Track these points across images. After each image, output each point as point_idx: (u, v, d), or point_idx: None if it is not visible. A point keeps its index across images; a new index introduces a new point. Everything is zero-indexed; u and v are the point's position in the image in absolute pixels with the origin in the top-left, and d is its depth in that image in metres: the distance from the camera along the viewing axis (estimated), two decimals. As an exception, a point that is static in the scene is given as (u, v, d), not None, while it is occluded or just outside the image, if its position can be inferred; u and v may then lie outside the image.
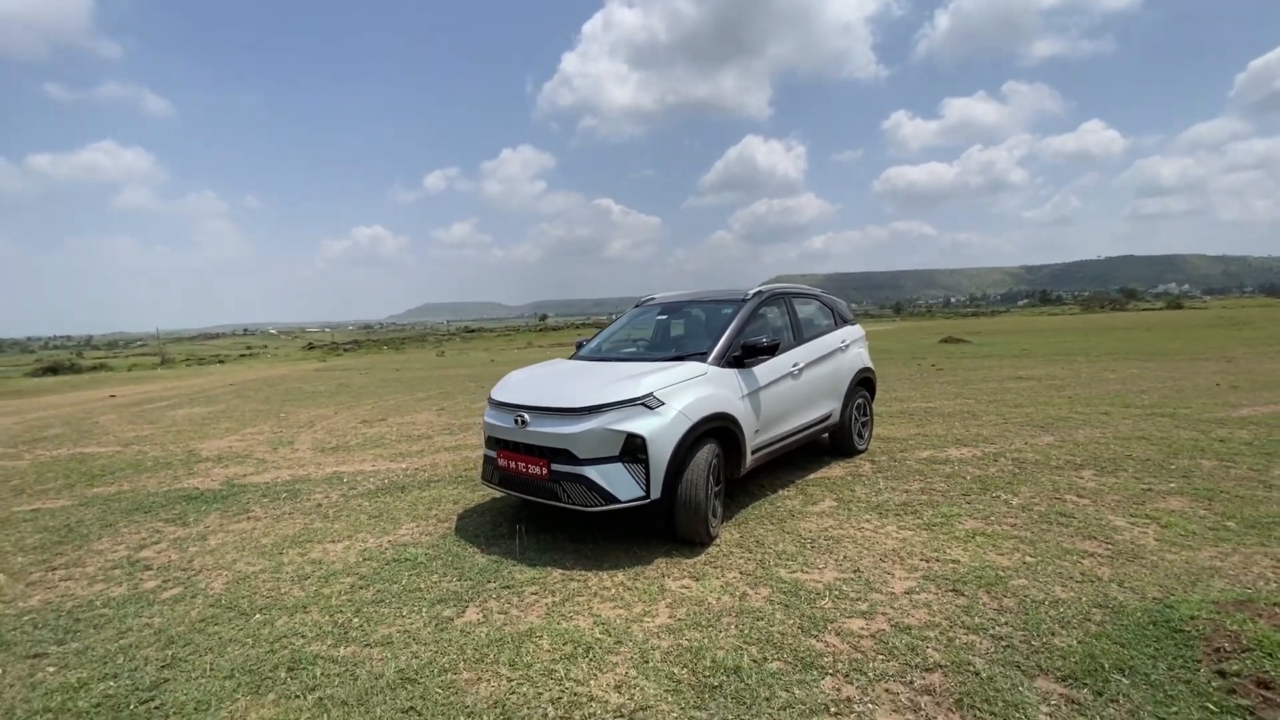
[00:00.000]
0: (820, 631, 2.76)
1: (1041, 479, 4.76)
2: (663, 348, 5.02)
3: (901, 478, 5.00)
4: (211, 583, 3.63)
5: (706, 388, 3.93)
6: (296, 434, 8.41)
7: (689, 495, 3.62)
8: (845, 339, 5.69)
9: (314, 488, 5.55)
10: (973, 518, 4.04)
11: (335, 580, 3.54)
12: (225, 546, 4.20)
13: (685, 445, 3.63)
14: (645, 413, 3.59)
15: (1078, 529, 3.76)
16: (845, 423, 5.56)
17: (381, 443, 7.50)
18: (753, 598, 3.11)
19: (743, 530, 4.04)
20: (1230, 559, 3.26)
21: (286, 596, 3.38)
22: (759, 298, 4.85)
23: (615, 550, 3.78)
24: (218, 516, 4.87)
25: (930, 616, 2.83)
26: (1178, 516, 3.86)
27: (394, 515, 4.64)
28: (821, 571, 3.37)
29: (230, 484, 5.82)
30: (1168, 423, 6.48)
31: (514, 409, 3.91)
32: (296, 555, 3.96)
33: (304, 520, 4.66)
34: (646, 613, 3.01)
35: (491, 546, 3.91)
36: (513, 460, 3.87)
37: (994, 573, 3.22)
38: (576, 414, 3.63)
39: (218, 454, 7.28)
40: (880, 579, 3.24)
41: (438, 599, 3.23)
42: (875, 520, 4.09)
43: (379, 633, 2.93)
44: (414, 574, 3.55)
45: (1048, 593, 2.98)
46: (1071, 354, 15.33)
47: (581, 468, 3.57)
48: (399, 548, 3.97)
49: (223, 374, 24.70)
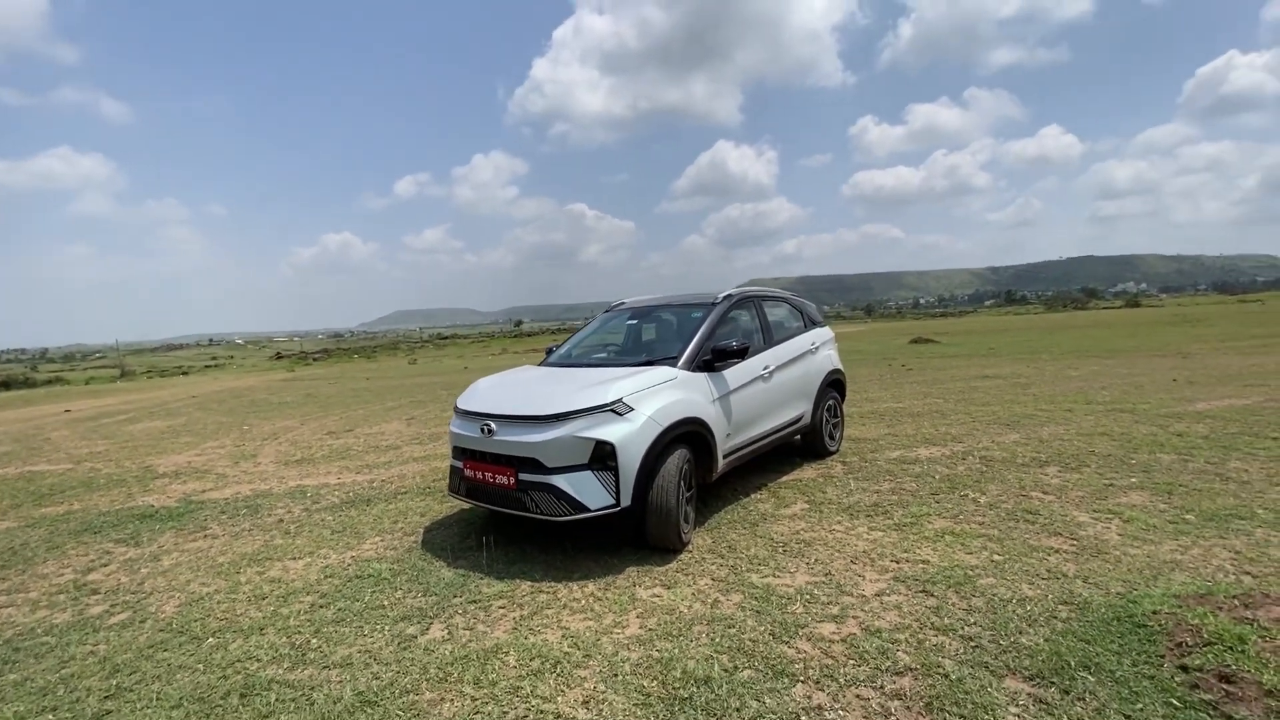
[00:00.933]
0: (791, 637, 2.73)
1: (1008, 477, 4.83)
2: (633, 353, 4.97)
3: (872, 478, 5.03)
4: (163, 606, 3.47)
5: (676, 392, 3.89)
6: (260, 447, 8.17)
7: (660, 502, 3.57)
8: (815, 341, 5.71)
9: (276, 503, 5.37)
10: (942, 517, 4.07)
11: (294, 599, 3.41)
12: (179, 567, 4.03)
13: (655, 451, 3.58)
14: (614, 419, 3.54)
15: (1043, 526, 3.81)
16: (816, 424, 5.57)
17: (348, 454, 7.31)
18: (724, 604, 3.07)
19: (715, 535, 4.01)
20: (1190, 552, 3.32)
21: (242, 618, 3.24)
22: (729, 301, 4.84)
23: (586, 560, 3.72)
24: (173, 535, 4.68)
25: (900, 618, 2.82)
26: (1139, 511, 3.93)
27: (358, 529, 4.51)
28: (793, 576, 3.35)
29: (187, 501, 5.61)
30: (1128, 419, 6.63)
31: (480, 417, 3.82)
32: (255, 574, 3.82)
33: (264, 537, 4.50)
34: (617, 624, 2.95)
35: (459, 560, 3.81)
36: (479, 470, 3.78)
37: (963, 572, 3.23)
38: (544, 421, 3.56)
39: (176, 469, 7.02)
40: (851, 582, 3.23)
41: (401, 616, 3.13)
42: (846, 522, 4.10)
43: (338, 653, 2.82)
44: (377, 591, 3.44)
45: (1015, 591, 3.00)
46: (1036, 352, 15.68)
47: (550, 477, 3.49)
48: (362, 563, 3.84)
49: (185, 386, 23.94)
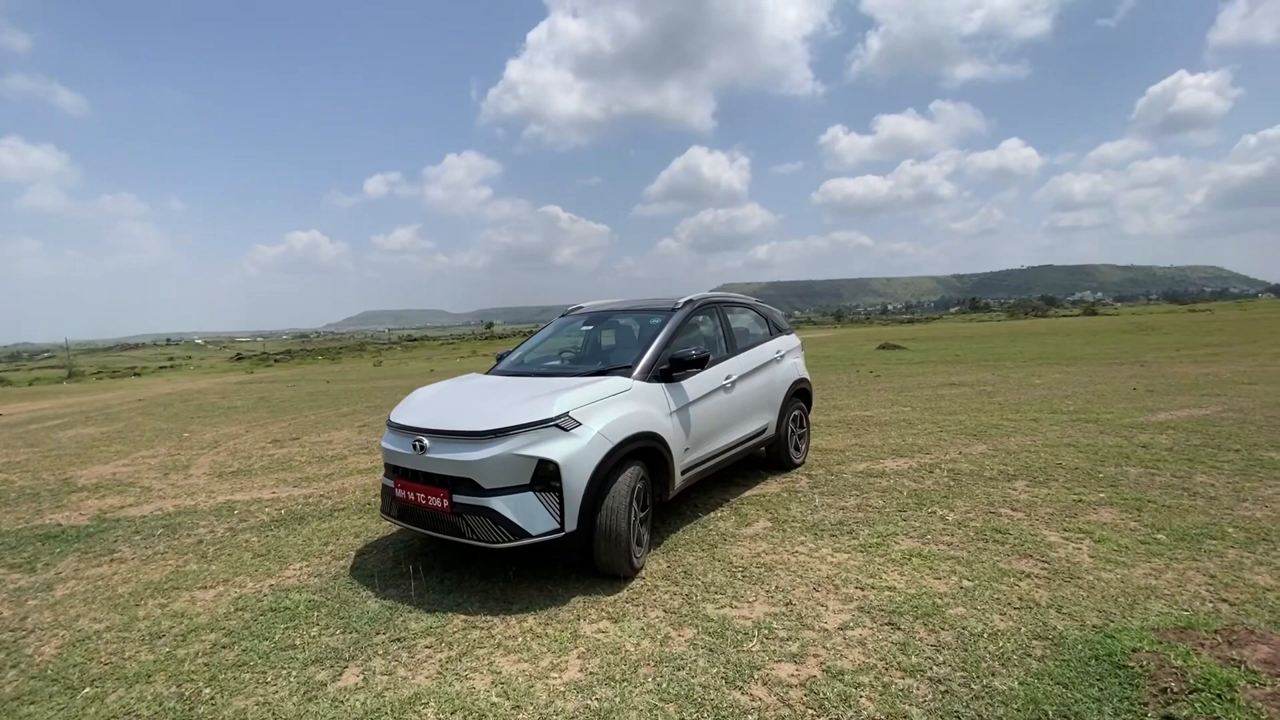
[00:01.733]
0: (746, 682, 2.46)
1: (976, 492, 4.66)
2: (589, 360, 4.68)
3: (838, 493, 4.81)
4: (42, 646, 3.06)
5: (629, 405, 3.61)
6: (195, 457, 7.64)
7: (609, 525, 3.28)
8: (780, 349, 5.49)
9: (199, 521, 4.93)
10: (909, 536, 3.86)
11: (195, 638, 3.03)
12: (73, 598, 3.60)
13: (605, 470, 3.29)
14: (559, 435, 3.24)
15: (1013, 546, 3.62)
16: (781, 436, 5.35)
17: (289, 465, 6.86)
18: (675, 641, 2.79)
19: (670, 558, 3.73)
20: (1164, 576, 3.16)
21: (130, 662, 2.85)
22: (690, 307, 4.58)
23: (529, 588, 3.41)
24: (75, 560, 4.23)
25: (865, 657, 2.58)
26: (1110, 530, 3.78)
27: (283, 553, 4.12)
28: (751, 605, 3.09)
29: (101, 519, 5.13)
30: (1093, 429, 6.57)
31: (412, 432, 3.48)
32: (156, 607, 3.41)
33: (177, 561, 4.08)
34: (555, 666, 2.65)
35: (388, 589, 3.46)
36: (411, 491, 3.44)
37: (931, 601, 3.01)
38: (480, 437, 3.24)
39: (97, 482, 6.49)
40: (813, 612, 2.98)
41: (313, 659, 2.78)
42: (810, 542, 3.86)
43: (233, 706, 2.47)
44: (290, 627, 3.07)
45: (986, 623, 2.78)
46: (1000, 359, 15.82)
47: (487, 499, 3.17)
48: (280, 594, 3.47)
49: (134, 388, 22.83)
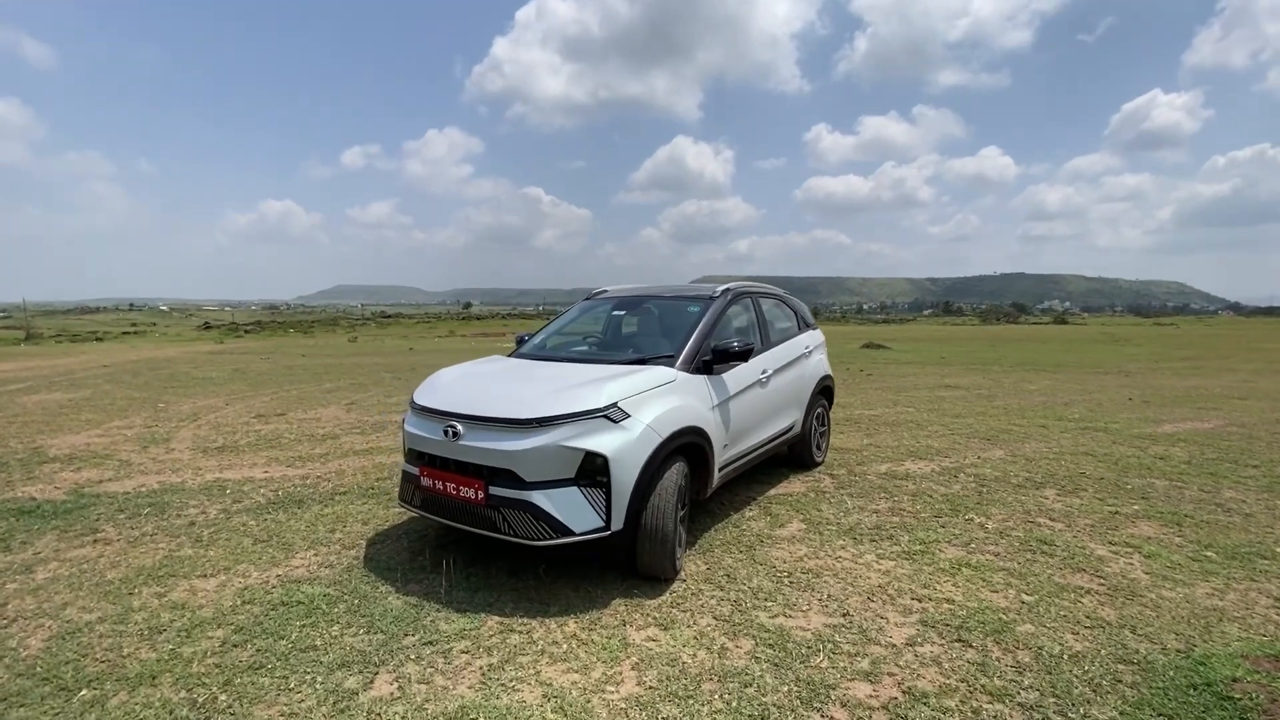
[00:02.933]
0: (823, 702, 2.28)
1: (1008, 499, 4.55)
2: (617, 347, 4.45)
3: (866, 495, 4.67)
4: (28, 638, 2.75)
5: (676, 397, 3.39)
6: (175, 429, 7.21)
7: (656, 525, 3.07)
8: (809, 345, 5.32)
9: (188, 500, 4.59)
10: (952, 544, 3.73)
11: (201, 634, 2.74)
12: (57, 583, 3.27)
13: (654, 465, 3.07)
14: (608, 426, 3.01)
15: (1063, 559, 3.51)
16: (806, 434, 5.18)
17: (278, 443, 6.50)
18: (734, 653, 2.60)
19: (709, 560, 3.54)
20: (1227, 596, 3.06)
21: (130, 660, 2.56)
22: (727, 296, 4.36)
23: (564, 588, 3.18)
24: (54, 538, 3.88)
25: (944, 678, 2.42)
26: (1156, 545, 3.69)
27: (287, 539, 3.82)
28: (806, 615, 2.91)
29: (79, 493, 4.75)
30: (1104, 438, 6.55)
31: (443, 416, 3.21)
32: (152, 596, 3.11)
33: (169, 545, 3.76)
34: (609, 678, 2.44)
35: (410, 584, 3.20)
36: (440, 480, 3.17)
37: (995, 616, 2.87)
38: (523, 426, 2.99)
39: (70, 452, 6.06)
40: (875, 625, 2.82)
41: (338, 662, 2.52)
42: (851, 547, 3.70)
43: (255, 717, 2.21)
44: (308, 624, 2.81)
45: (1061, 643, 2.64)
46: (986, 363, 15.96)
47: (527, 492, 2.93)
48: (290, 585, 3.19)
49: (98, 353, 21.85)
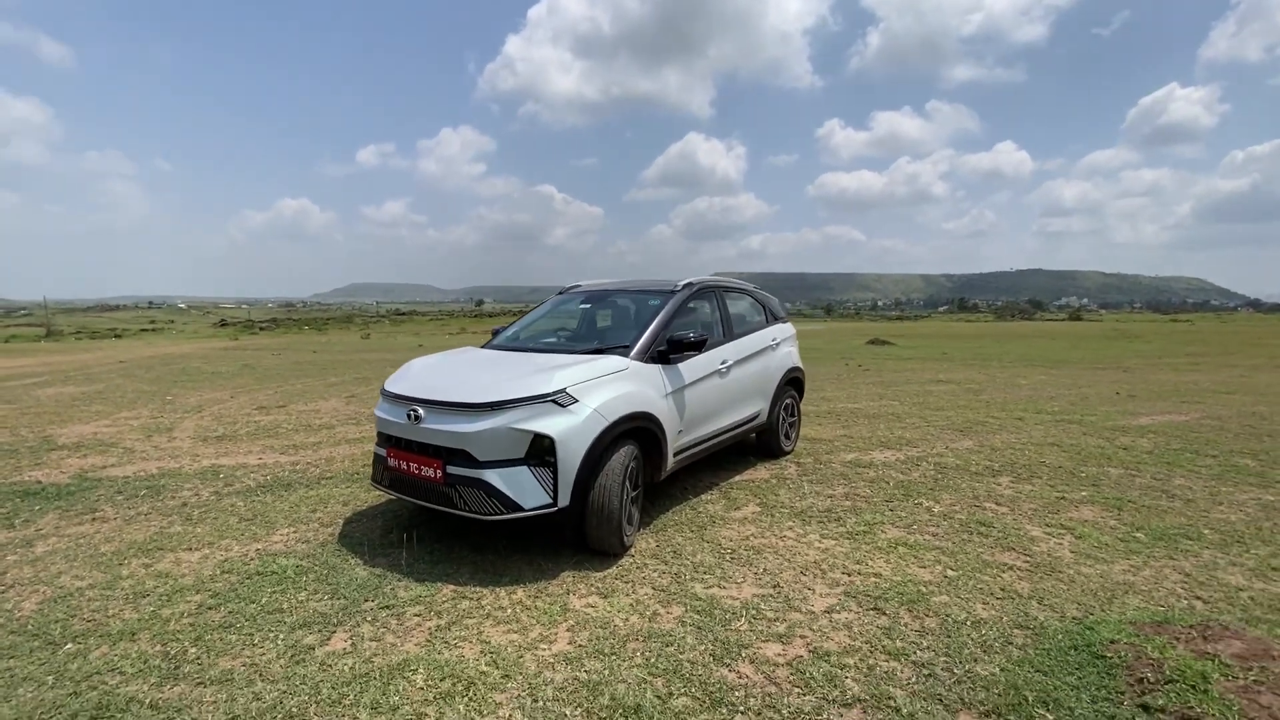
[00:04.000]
0: (733, 659, 2.49)
1: (962, 485, 4.73)
2: (586, 339, 4.67)
3: (826, 482, 4.86)
4: (23, 601, 3.02)
5: (626, 384, 3.60)
6: (179, 420, 7.54)
7: (602, 502, 3.29)
8: (776, 337, 5.50)
9: (183, 483, 4.88)
10: (895, 526, 3.91)
11: (180, 599, 3.01)
12: (54, 555, 3.56)
13: (600, 448, 3.29)
14: (556, 410, 3.23)
15: (997, 539, 3.68)
16: (773, 423, 5.38)
17: (276, 432, 6.79)
18: (664, 618, 2.82)
19: (660, 538, 3.76)
20: (1142, 573, 3.23)
21: (113, 620, 2.83)
22: (689, 290, 4.57)
23: (519, 561, 3.42)
24: (55, 517, 4.17)
25: (850, 640, 2.62)
26: (1090, 527, 3.86)
27: (270, 518, 4.09)
28: (739, 586, 3.12)
29: (83, 477, 5.06)
30: (1076, 430, 6.68)
31: (407, 401, 3.46)
32: (140, 567, 3.38)
33: (161, 523, 4.04)
34: (544, 638, 2.66)
35: (377, 557, 3.45)
36: (404, 460, 3.42)
37: (916, 588, 3.06)
38: (477, 410, 3.22)
39: (78, 441, 6.39)
40: (800, 595, 3.02)
41: (300, 622, 2.77)
42: (798, 528, 3.90)
43: (219, 667, 2.46)
44: (278, 591, 3.06)
45: (969, 611, 2.83)
46: (987, 359, 16.02)
47: (480, 471, 3.17)
48: (267, 558, 3.45)
49: (116, 350, 22.47)
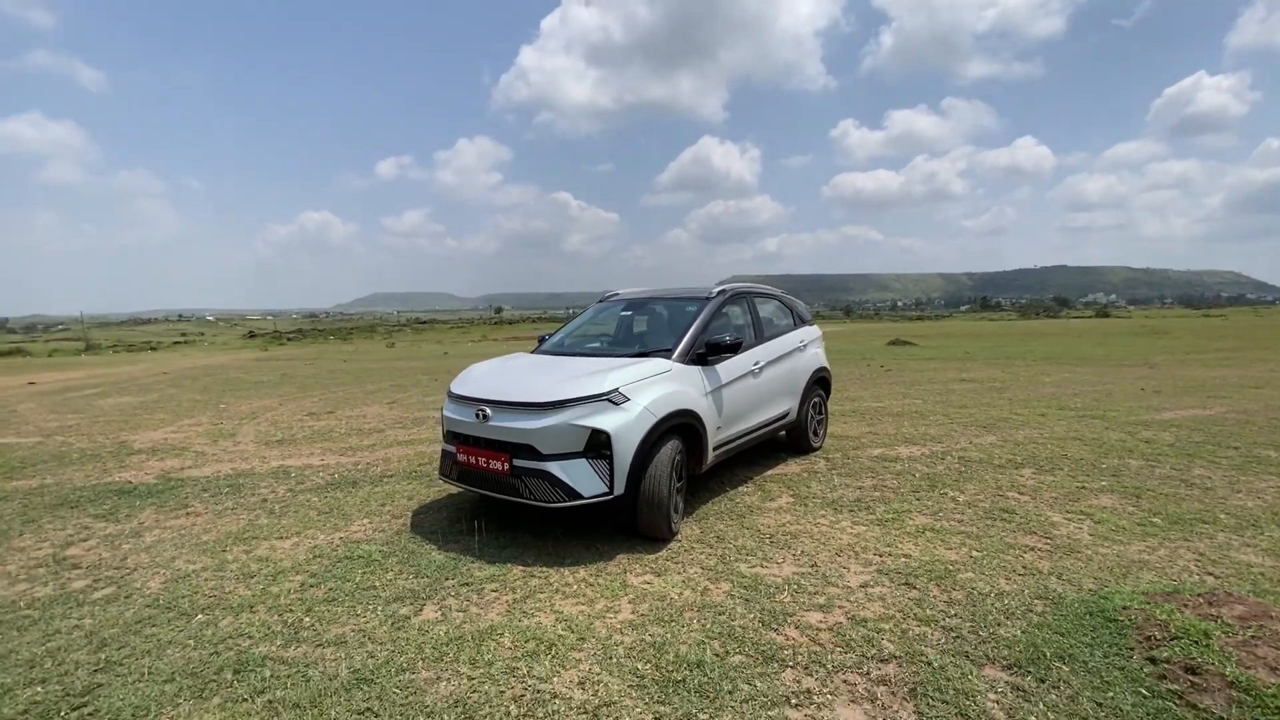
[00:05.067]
0: (780, 625, 2.81)
1: (985, 477, 4.98)
2: (626, 344, 5.02)
3: (855, 475, 5.15)
4: (148, 582, 3.44)
5: (671, 384, 3.94)
6: (238, 426, 8.05)
7: (652, 491, 3.63)
8: (804, 339, 5.81)
9: (259, 482, 5.32)
10: (922, 514, 4.19)
11: (284, 578, 3.40)
12: (162, 544, 3.99)
13: (650, 441, 3.64)
14: (610, 408, 3.58)
15: (1019, 524, 3.95)
16: (802, 421, 5.67)
17: (330, 436, 7.25)
18: (714, 592, 3.14)
19: (703, 526, 4.08)
20: (1157, 553, 3.48)
21: (231, 595, 3.23)
22: (723, 296, 4.90)
23: (576, 546, 3.76)
24: (153, 512, 4.62)
25: (885, 609, 2.92)
26: (1109, 513, 4.10)
27: (345, 511, 4.49)
28: (780, 566, 3.43)
29: (166, 478, 5.52)
30: (1099, 424, 6.86)
31: (475, 403, 3.84)
32: (241, 552, 3.79)
33: (248, 516, 4.46)
34: (609, 609, 3.00)
35: (449, 543, 3.83)
36: (473, 455, 3.80)
37: (943, 567, 3.34)
38: (540, 409, 3.59)
39: (151, 446, 6.90)
40: (836, 573, 3.32)
41: (393, 597, 3.15)
42: (831, 516, 4.20)
43: (332, 632, 2.84)
44: (368, 571, 3.45)
45: (993, 585, 3.12)
46: (1010, 358, 16.07)
47: (544, 463, 3.53)
48: (351, 544, 3.84)
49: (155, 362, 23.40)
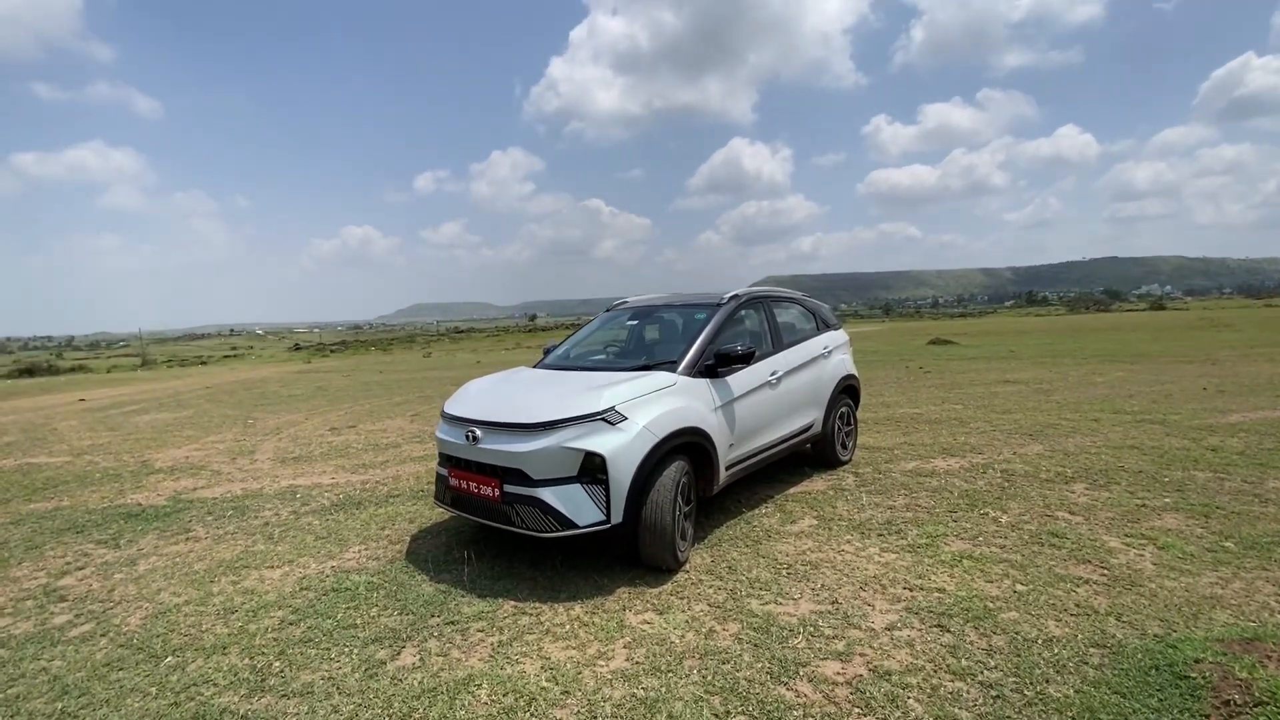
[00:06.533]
0: (791, 677, 2.48)
1: (1031, 494, 4.52)
2: (634, 355, 4.74)
3: (886, 492, 4.75)
4: (128, 617, 3.30)
5: (675, 400, 3.64)
6: (260, 442, 8.04)
7: (654, 519, 3.33)
8: (828, 345, 5.43)
9: (264, 504, 5.21)
10: (960, 538, 3.79)
11: (265, 614, 3.22)
12: (154, 573, 3.87)
13: (650, 464, 3.34)
14: (606, 429, 3.30)
15: (1070, 551, 3.51)
16: (827, 433, 5.29)
17: (346, 452, 7.15)
18: (720, 635, 2.83)
19: (715, 553, 3.76)
20: (1231, 585, 3.02)
21: (207, 634, 3.06)
22: (735, 302, 4.58)
23: (576, 577, 3.49)
24: (154, 537, 4.53)
25: (913, 658, 2.56)
26: (1174, 536, 3.63)
27: (343, 536, 4.32)
28: (797, 603, 3.09)
29: (177, 499, 5.47)
30: (1158, 430, 6.27)
31: (465, 423, 3.60)
32: (229, 584, 3.64)
33: (246, 542, 4.33)
34: (601, 654, 2.72)
35: (442, 574, 3.60)
36: (464, 480, 3.56)
37: (982, 604, 2.96)
38: (530, 430, 3.33)
39: (172, 465, 6.91)
40: (859, 612, 2.97)
41: (373, 638, 2.93)
42: (857, 541, 3.83)
43: (300, 680, 2.62)
44: (351, 607, 3.24)
45: (1040, 629, 2.72)
46: (1058, 356, 15.19)
47: (536, 489, 3.27)
48: (341, 575, 3.65)
49: (202, 376, 24.12)
